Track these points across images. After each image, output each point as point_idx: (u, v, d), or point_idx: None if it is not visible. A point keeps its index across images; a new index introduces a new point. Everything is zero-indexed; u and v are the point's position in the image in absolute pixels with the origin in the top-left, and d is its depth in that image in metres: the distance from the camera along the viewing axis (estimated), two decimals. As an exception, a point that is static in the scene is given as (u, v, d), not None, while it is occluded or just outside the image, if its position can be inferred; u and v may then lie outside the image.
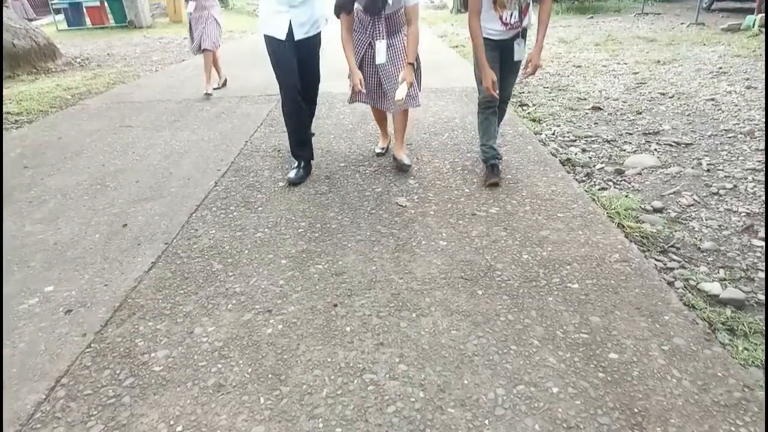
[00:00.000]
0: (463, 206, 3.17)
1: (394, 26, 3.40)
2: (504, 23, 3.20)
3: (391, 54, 3.43)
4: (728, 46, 7.89)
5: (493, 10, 3.17)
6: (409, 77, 3.35)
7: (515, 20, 3.18)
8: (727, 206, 3.15)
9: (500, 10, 3.16)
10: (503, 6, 3.15)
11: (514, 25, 3.21)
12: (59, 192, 3.59)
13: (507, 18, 3.18)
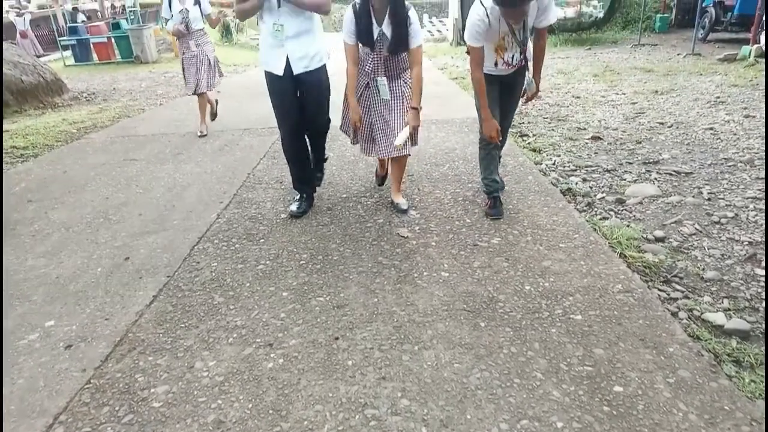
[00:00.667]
0: (465, 237, 3.17)
1: (394, 69, 3.29)
2: (506, 63, 3.20)
3: (390, 99, 3.33)
4: (725, 76, 7.98)
5: (494, 53, 3.18)
6: (414, 121, 3.25)
7: (516, 60, 3.19)
8: (729, 235, 3.15)
9: (501, 53, 3.17)
10: (503, 49, 3.15)
11: (516, 64, 3.22)
12: (62, 225, 3.61)
13: (509, 59, 3.18)
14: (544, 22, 3.06)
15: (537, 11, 2.99)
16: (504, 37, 3.08)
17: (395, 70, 3.28)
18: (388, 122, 3.31)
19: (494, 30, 3.01)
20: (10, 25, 17.66)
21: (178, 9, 5.56)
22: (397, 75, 3.31)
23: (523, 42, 3.13)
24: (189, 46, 5.72)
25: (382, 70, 3.24)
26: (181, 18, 5.55)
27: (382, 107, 3.31)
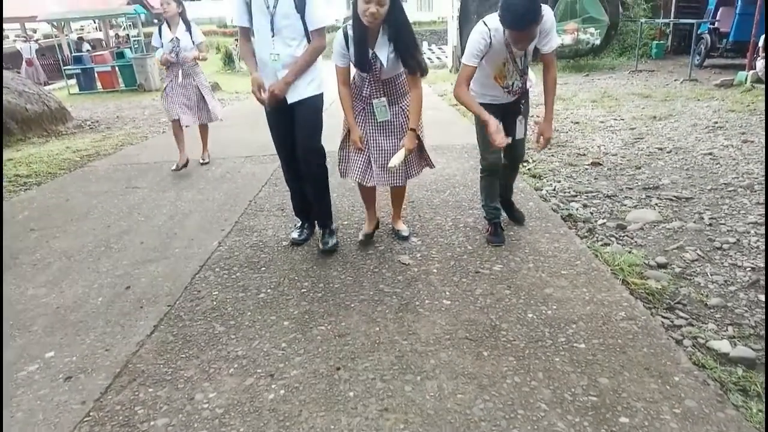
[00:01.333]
0: (467, 264, 3.16)
1: (392, 94, 3.13)
2: (506, 90, 3.15)
3: (386, 127, 3.18)
4: (722, 101, 8.05)
5: (493, 82, 3.13)
6: (410, 143, 3.08)
7: (517, 86, 3.15)
8: (731, 261, 3.14)
9: (500, 81, 3.12)
10: (503, 77, 3.11)
11: (517, 90, 3.17)
12: (64, 254, 3.61)
13: (508, 86, 3.14)
14: (547, 47, 2.98)
15: (539, 35, 2.91)
16: (504, 64, 3.04)
17: (393, 95, 3.13)
18: (385, 150, 3.17)
19: (495, 52, 2.96)
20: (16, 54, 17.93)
21: (169, 38, 5.40)
22: (395, 100, 3.15)
23: (523, 71, 3.10)
24: (177, 74, 5.50)
25: (380, 94, 3.10)
26: (172, 47, 5.38)
27: (380, 134, 3.18)
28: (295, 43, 3.08)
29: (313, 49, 3.10)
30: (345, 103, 3.14)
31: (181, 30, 5.40)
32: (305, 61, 3.08)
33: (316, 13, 3.04)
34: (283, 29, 3.02)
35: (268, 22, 3.01)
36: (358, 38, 2.92)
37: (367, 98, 3.14)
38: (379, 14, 2.76)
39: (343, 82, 3.10)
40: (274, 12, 2.99)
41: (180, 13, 5.35)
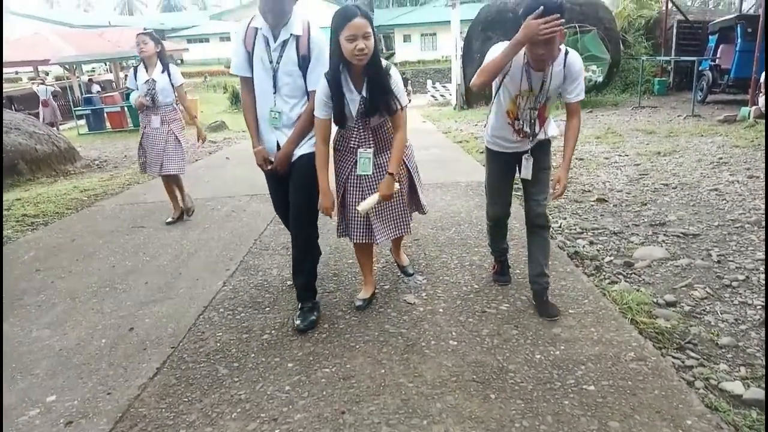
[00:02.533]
0: (473, 303, 3.13)
1: (381, 141, 2.87)
2: (516, 131, 2.90)
3: (379, 177, 2.85)
4: (726, 137, 8.09)
5: (506, 116, 2.91)
6: (386, 189, 2.75)
7: (528, 130, 2.87)
8: (741, 299, 3.10)
9: (512, 117, 2.88)
10: (515, 114, 2.86)
11: (527, 134, 2.90)
12: (68, 295, 3.61)
13: (519, 126, 2.88)
14: (573, 95, 2.73)
15: (564, 80, 2.70)
16: (518, 96, 2.78)
17: (382, 142, 2.87)
18: (382, 205, 2.92)
19: (513, 75, 2.72)
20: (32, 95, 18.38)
21: (144, 79, 4.94)
22: (385, 146, 2.88)
23: (535, 108, 2.80)
24: (151, 121, 5.03)
25: (369, 142, 2.82)
26: (147, 89, 4.92)
27: (376, 188, 2.84)
28: (294, 101, 2.91)
29: (309, 110, 2.86)
30: (321, 162, 2.80)
31: (158, 71, 4.96)
32: (304, 125, 2.89)
33: (318, 74, 2.79)
34: (283, 87, 2.87)
35: (270, 77, 2.86)
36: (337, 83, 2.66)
37: (355, 149, 2.84)
38: (369, 49, 2.55)
39: (323, 138, 2.79)
40: (276, 68, 2.84)
41: (158, 52, 4.97)
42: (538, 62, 2.64)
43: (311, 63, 2.83)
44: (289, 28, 2.80)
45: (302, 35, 2.82)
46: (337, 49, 2.60)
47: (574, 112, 2.84)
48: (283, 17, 2.79)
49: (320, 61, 2.81)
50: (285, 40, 2.81)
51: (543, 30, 2.39)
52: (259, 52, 2.85)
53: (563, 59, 2.67)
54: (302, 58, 2.83)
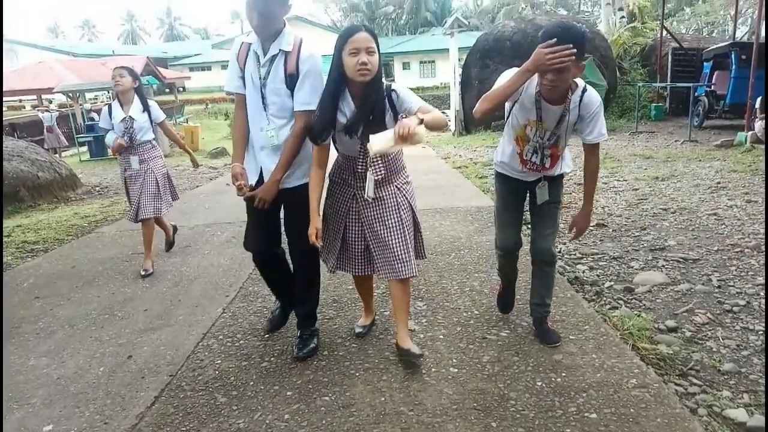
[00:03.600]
0: (473, 329, 3.12)
1: (387, 171, 2.64)
2: (523, 161, 2.74)
3: (380, 210, 2.66)
4: (724, 162, 8.14)
5: (515, 144, 2.74)
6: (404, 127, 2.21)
7: (536, 162, 2.70)
8: (743, 324, 3.09)
9: (521, 145, 2.72)
10: (524, 140, 2.70)
11: (534, 167, 2.73)
12: (67, 323, 3.59)
13: (527, 156, 2.71)
14: (591, 136, 2.59)
15: (579, 119, 2.56)
16: (527, 126, 2.64)
17: (388, 172, 2.65)
18: (384, 241, 2.66)
19: (524, 103, 2.59)
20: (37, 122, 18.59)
21: (121, 117, 4.48)
22: (388, 178, 2.66)
23: (545, 145, 2.64)
24: (130, 162, 4.58)
25: (380, 168, 2.60)
26: (124, 128, 4.47)
27: (376, 221, 2.66)
28: (282, 122, 2.73)
29: (297, 134, 2.67)
30: (314, 183, 2.65)
31: (136, 108, 4.52)
32: (290, 150, 2.68)
33: (310, 93, 2.63)
34: (270, 105, 2.71)
35: (259, 95, 2.72)
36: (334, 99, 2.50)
37: (361, 174, 2.62)
38: (372, 65, 2.39)
39: (318, 163, 2.63)
40: (264, 84, 2.69)
41: (135, 88, 4.54)
42: (548, 92, 2.49)
43: (298, 82, 2.64)
44: (278, 44, 2.65)
45: (292, 52, 2.65)
46: (338, 67, 2.44)
47: (591, 153, 2.68)
48: (272, 31, 2.64)
49: (308, 81, 2.63)
50: (274, 55, 2.66)
51: (550, 59, 2.28)
52: (250, 68, 2.72)
53: (579, 97, 2.52)
54: (289, 77, 2.64)
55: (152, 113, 4.63)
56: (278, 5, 2.60)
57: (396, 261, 2.64)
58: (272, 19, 2.62)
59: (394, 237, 2.65)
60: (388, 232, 2.65)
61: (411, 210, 2.75)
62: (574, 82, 2.50)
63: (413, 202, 2.78)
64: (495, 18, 45.90)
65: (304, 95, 2.64)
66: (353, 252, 2.78)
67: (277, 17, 2.64)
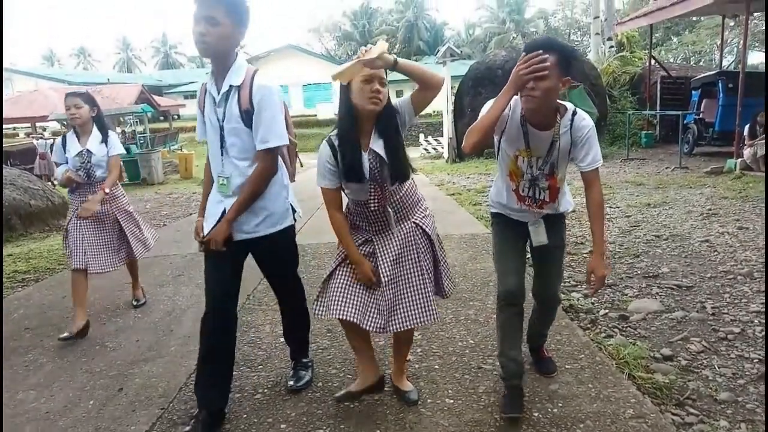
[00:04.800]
0: (468, 359, 3.10)
1: (402, 205, 2.46)
2: (520, 198, 2.52)
3: (397, 254, 2.43)
4: (714, 189, 8.22)
5: (509, 180, 2.53)
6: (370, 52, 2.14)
7: (534, 196, 2.49)
8: (738, 352, 3.08)
9: (515, 180, 2.50)
10: (518, 176, 2.49)
11: (533, 203, 2.50)
12: (57, 354, 3.54)
13: (523, 191, 2.50)
14: (585, 163, 2.35)
15: (571, 144, 2.36)
16: (517, 156, 2.44)
17: (403, 206, 2.47)
18: (403, 288, 2.45)
19: (510, 133, 2.40)
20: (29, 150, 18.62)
21: (77, 150, 3.90)
22: (405, 214, 2.48)
23: (540, 176, 2.43)
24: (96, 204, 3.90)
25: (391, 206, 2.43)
26: (80, 162, 3.90)
27: (392, 268, 2.42)
28: (245, 164, 2.48)
29: (257, 175, 2.44)
30: (341, 231, 2.44)
31: (95, 140, 3.94)
32: (249, 193, 2.44)
33: (266, 128, 2.39)
34: (231, 147, 2.47)
35: (218, 137, 2.48)
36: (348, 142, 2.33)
37: (375, 213, 2.43)
38: (384, 95, 2.26)
39: (336, 207, 2.44)
40: (222, 126, 2.45)
41: (94, 117, 3.96)
42: (532, 112, 2.30)
43: (254, 117, 2.39)
44: (228, 79, 2.41)
45: (243, 85, 2.39)
46: (347, 100, 2.29)
47: (591, 183, 2.39)
48: (223, 66, 2.41)
49: (263, 114, 2.38)
50: (226, 92, 2.42)
51: (523, 70, 2.12)
52: (207, 110, 2.51)
53: (570, 120, 2.33)
54: (245, 113, 2.39)
55: (110, 145, 3.97)
56: (216, 38, 2.29)
57: (417, 308, 2.44)
58: (222, 61, 2.40)
59: (414, 283, 2.45)
60: (407, 279, 2.45)
61: (431, 248, 2.54)
62: (562, 106, 2.34)
63: (434, 236, 2.55)
64: (487, 47, 46.75)
65: (262, 132, 2.39)
66: (359, 299, 2.44)
67: (227, 57, 2.40)
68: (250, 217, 2.51)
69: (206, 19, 2.24)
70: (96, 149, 3.92)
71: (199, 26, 2.25)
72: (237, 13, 2.31)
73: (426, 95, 2.31)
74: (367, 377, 2.59)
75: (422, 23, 53.84)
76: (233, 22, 2.30)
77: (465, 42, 53.34)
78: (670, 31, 36.97)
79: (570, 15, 54.93)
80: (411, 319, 2.43)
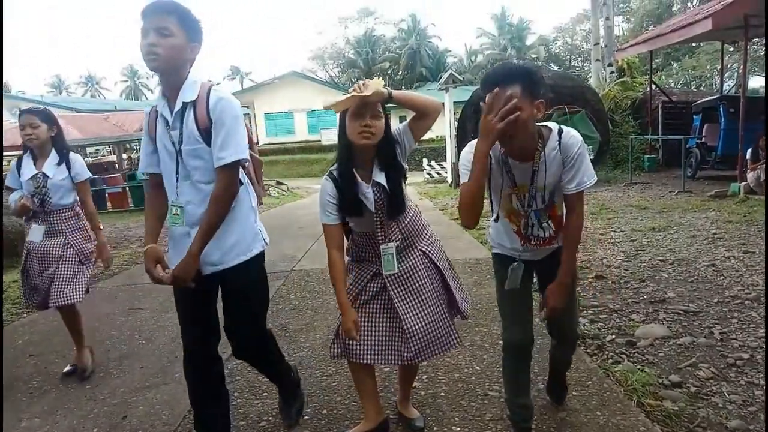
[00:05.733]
0: (475, 386, 3.07)
1: (408, 233, 2.41)
2: (525, 238, 2.27)
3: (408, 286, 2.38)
4: (719, 212, 8.21)
5: (509, 222, 2.29)
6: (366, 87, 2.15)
7: (540, 234, 2.26)
8: (747, 379, 3.05)
9: (515, 221, 2.27)
10: (517, 216, 2.25)
11: (541, 241, 2.27)
12: (61, 382, 3.52)
13: (524, 230, 2.26)
14: (572, 184, 2.11)
15: (563, 165, 2.11)
16: (510, 195, 2.23)
17: (410, 234, 2.42)
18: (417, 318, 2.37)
19: (494, 176, 2.19)
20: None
21: (31, 173, 3.49)
22: (412, 242, 2.42)
23: (541, 210, 2.22)
24: (35, 231, 3.54)
25: (394, 236, 2.37)
26: (34, 187, 3.48)
27: (406, 300, 2.37)
28: (208, 188, 2.21)
29: (216, 196, 2.17)
30: (337, 276, 2.34)
31: (51, 163, 3.52)
32: (211, 217, 2.16)
33: (222, 143, 2.14)
34: (193, 171, 2.21)
35: (174, 163, 2.22)
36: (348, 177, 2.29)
37: (375, 257, 2.39)
38: (377, 129, 2.20)
39: (337, 245, 2.35)
40: (179, 149, 2.19)
41: (53, 137, 3.54)
42: (510, 148, 2.11)
43: (213, 134, 2.15)
44: (181, 96, 2.17)
45: (198, 100, 2.16)
46: (343, 136, 2.28)
47: (572, 206, 2.17)
48: (174, 83, 2.17)
49: (222, 129, 2.14)
50: (179, 110, 2.17)
51: (493, 119, 1.90)
52: (160, 135, 2.24)
53: (557, 139, 2.09)
54: (204, 131, 2.15)
55: (73, 169, 3.55)
56: (167, 49, 2.08)
57: (437, 335, 2.41)
58: (174, 77, 2.17)
59: (430, 311, 2.40)
60: (422, 307, 2.38)
61: (440, 274, 2.48)
62: (545, 128, 2.13)
63: (440, 260, 2.49)
64: (488, 73, 47.07)
65: (218, 147, 2.14)
66: (370, 335, 2.40)
67: (173, 64, 2.14)
68: (217, 246, 2.22)
69: (157, 30, 2.05)
70: (52, 173, 3.48)
71: (148, 38, 2.05)
72: (189, 26, 2.14)
73: (425, 123, 2.31)
74: (370, 418, 2.52)
75: (425, 51, 54.54)
76: (186, 35, 2.12)
77: (467, 68, 53.92)
78: (670, 56, 37.35)
79: (570, 41, 55.63)
80: (433, 348, 2.40)
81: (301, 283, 5.69)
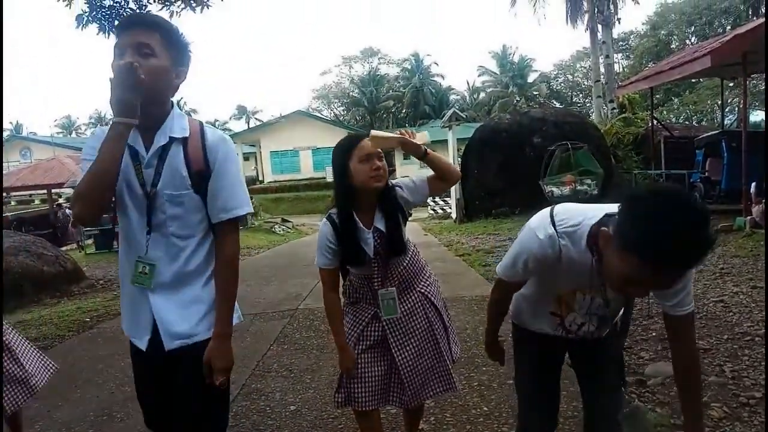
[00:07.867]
0: (483, 428, 3.03)
1: (407, 275, 2.40)
2: (567, 330, 1.92)
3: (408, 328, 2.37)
4: (725, 247, 8.17)
5: (554, 302, 1.90)
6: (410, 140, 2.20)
7: (585, 330, 1.91)
8: (761, 418, 2.99)
9: (563, 309, 1.89)
10: (568, 307, 1.87)
11: (581, 334, 1.92)
12: (64, 426, 3.49)
13: (570, 324, 1.91)
14: (676, 302, 1.70)
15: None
16: (576, 292, 1.83)
17: (409, 276, 2.41)
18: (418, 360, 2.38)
19: (567, 271, 1.72)
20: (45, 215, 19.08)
21: None
22: (411, 283, 2.41)
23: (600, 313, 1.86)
24: None
25: (393, 281, 2.36)
26: None
27: (405, 344, 2.36)
28: (190, 245, 1.82)
29: (230, 256, 1.85)
30: (334, 317, 2.35)
31: None
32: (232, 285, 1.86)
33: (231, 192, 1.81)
34: (170, 221, 1.77)
35: (143, 208, 1.77)
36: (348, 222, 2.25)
37: (378, 295, 2.34)
38: (386, 171, 2.20)
39: (333, 287, 2.36)
40: (153, 192, 1.75)
41: None
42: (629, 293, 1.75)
43: (212, 179, 1.78)
44: (166, 129, 1.76)
45: (191, 139, 1.78)
46: (344, 181, 2.22)
47: (682, 334, 1.75)
48: (152, 111, 1.73)
49: (228, 174, 1.81)
50: (162, 146, 1.75)
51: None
52: (125, 172, 1.73)
53: None
54: (196, 174, 1.76)
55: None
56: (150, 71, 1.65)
57: (437, 378, 2.42)
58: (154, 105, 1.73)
59: (430, 354, 2.40)
60: (422, 350, 2.38)
61: (440, 316, 2.47)
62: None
63: (440, 303, 2.50)
64: (491, 110, 47.77)
65: (224, 197, 1.80)
66: (370, 378, 2.37)
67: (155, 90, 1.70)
68: (187, 321, 1.80)
69: (136, 48, 1.65)
70: None
71: (126, 57, 1.63)
72: (175, 46, 1.76)
73: (445, 185, 2.42)
74: None
75: (428, 89, 55.38)
76: (172, 57, 1.74)
77: (470, 105, 54.65)
78: (670, 92, 37.77)
79: (571, 78, 56.46)
80: (432, 390, 2.43)
81: (306, 322, 5.66)
